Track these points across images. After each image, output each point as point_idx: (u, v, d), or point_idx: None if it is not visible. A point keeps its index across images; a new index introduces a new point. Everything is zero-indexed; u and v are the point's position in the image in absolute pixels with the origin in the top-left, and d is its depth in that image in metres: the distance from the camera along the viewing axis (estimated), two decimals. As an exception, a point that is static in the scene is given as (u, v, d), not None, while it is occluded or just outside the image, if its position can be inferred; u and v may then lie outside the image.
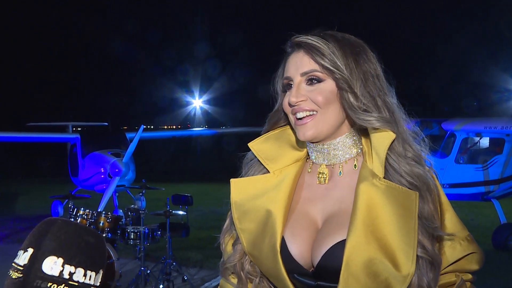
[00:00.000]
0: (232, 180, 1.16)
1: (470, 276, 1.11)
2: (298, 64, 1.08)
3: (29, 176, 17.37)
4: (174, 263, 5.22)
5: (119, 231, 5.00)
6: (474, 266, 1.10)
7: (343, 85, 1.04)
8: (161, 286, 5.01)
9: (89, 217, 4.90)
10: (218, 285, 1.24)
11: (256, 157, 1.16)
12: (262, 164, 1.16)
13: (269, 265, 1.07)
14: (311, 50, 1.06)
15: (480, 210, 9.48)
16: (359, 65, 1.05)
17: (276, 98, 1.17)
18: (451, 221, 1.08)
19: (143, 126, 8.00)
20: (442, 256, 1.04)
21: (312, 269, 1.05)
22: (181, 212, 5.67)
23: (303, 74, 1.07)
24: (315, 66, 1.06)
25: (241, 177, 1.19)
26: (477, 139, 7.90)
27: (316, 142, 1.11)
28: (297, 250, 1.05)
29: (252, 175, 1.17)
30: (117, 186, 7.90)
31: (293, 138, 1.17)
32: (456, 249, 1.07)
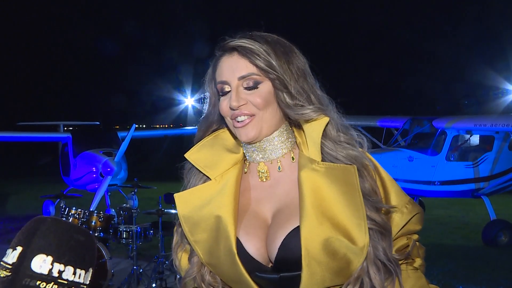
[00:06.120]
0: (176, 195, 1.16)
1: (416, 236, 1.18)
2: (234, 68, 1.08)
3: (20, 175, 17.22)
4: (166, 262, 5.21)
5: (111, 230, 4.98)
6: (418, 226, 1.17)
7: (278, 85, 1.07)
8: (153, 285, 5.00)
9: (81, 217, 4.88)
10: None
11: (194, 166, 1.16)
12: (202, 172, 1.16)
13: (229, 269, 1.07)
14: (247, 53, 1.06)
15: (470, 207, 9.57)
16: (291, 63, 1.08)
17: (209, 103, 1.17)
18: (396, 194, 1.12)
19: (135, 125, 7.99)
20: (392, 223, 1.09)
21: (271, 264, 1.06)
22: (173, 211, 5.64)
23: (240, 78, 1.08)
24: (252, 69, 1.07)
25: (183, 188, 1.19)
26: (467, 136, 7.97)
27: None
28: (254, 248, 1.07)
29: (195, 185, 1.17)
30: (109, 185, 7.88)
31: (228, 142, 1.18)
32: (404, 213, 1.12)
